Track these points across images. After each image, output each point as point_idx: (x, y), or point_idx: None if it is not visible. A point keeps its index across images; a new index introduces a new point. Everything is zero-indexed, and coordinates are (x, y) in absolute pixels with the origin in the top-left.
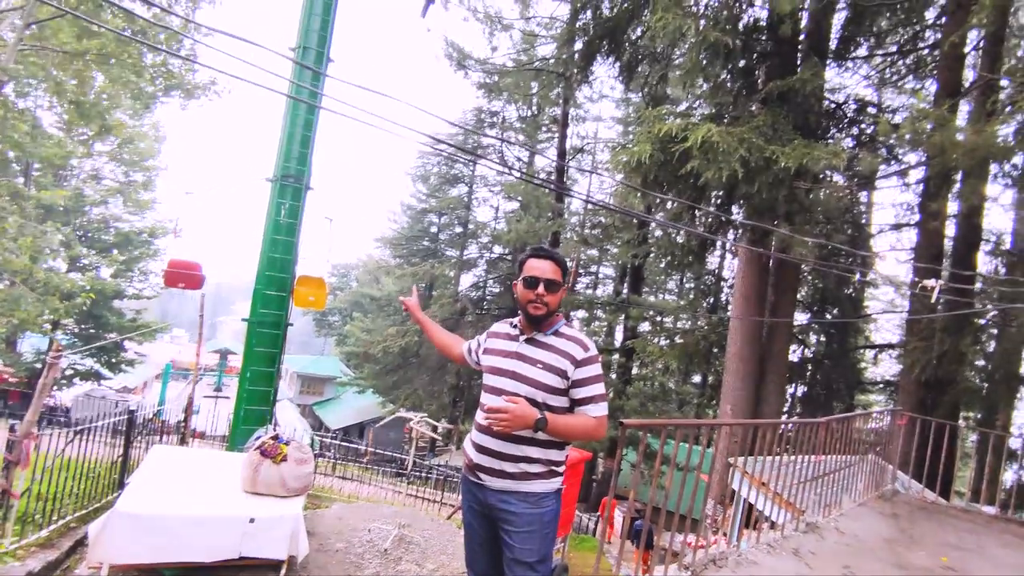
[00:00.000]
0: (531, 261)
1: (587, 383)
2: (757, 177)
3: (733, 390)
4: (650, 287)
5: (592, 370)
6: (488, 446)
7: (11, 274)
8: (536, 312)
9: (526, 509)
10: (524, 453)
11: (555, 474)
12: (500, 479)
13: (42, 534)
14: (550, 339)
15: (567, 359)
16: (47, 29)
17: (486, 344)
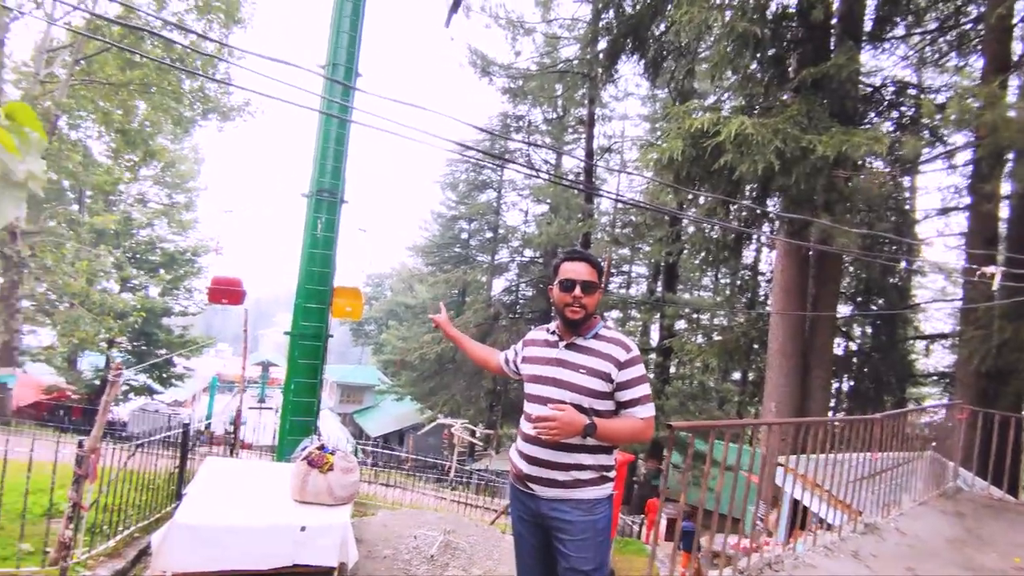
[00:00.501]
0: (566, 264)
1: (632, 385)
2: (794, 168)
3: (776, 387)
4: (685, 285)
5: (636, 371)
6: (537, 455)
7: (70, 296)
8: (574, 316)
9: (580, 517)
10: (575, 460)
11: (606, 479)
12: (551, 488)
13: (109, 544)
14: (591, 342)
15: (610, 362)
16: (94, 63)
17: (524, 352)
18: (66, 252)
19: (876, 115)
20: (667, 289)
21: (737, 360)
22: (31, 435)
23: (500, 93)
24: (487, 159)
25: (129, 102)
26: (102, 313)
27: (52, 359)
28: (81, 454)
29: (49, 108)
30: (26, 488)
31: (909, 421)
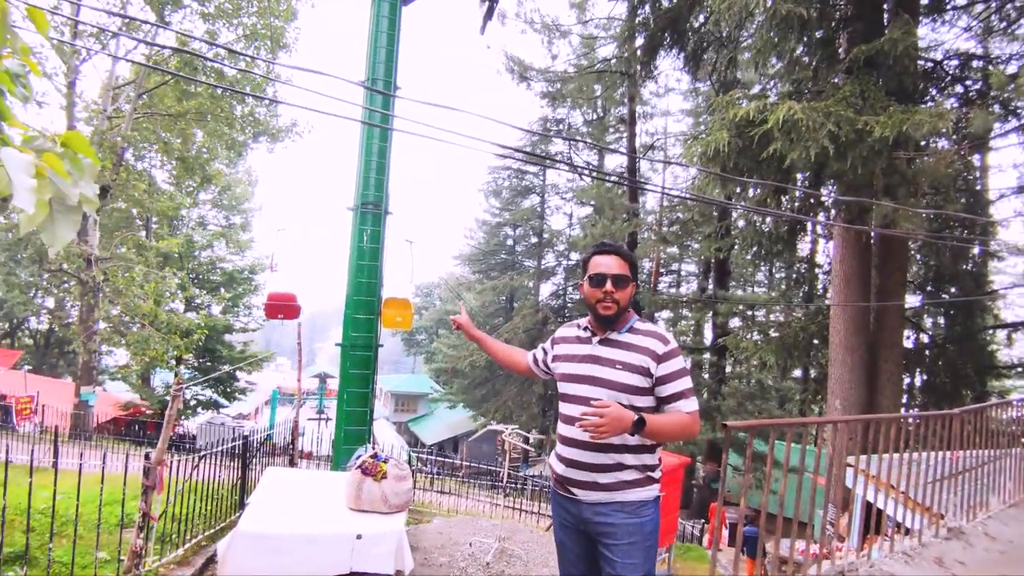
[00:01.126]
0: (596, 258)
1: (673, 378)
2: (849, 152)
3: (841, 383)
4: (737, 281)
5: (676, 364)
6: (577, 458)
7: (141, 317)
8: (607, 312)
9: (625, 520)
10: (616, 460)
11: (652, 480)
12: (593, 491)
13: (178, 552)
14: (626, 337)
15: (648, 355)
16: (155, 97)
17: (554, 351)
18: (135, 276)
19: (938, 91)
20: (719, 286)
21: (797, 356)
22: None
23: (539, 98)
24: (531, 162)
25: (187, 131)
26: (169, 332)
27: (128, 377)
28: (148, 466)
29: (117, 142)
30: (100, 499)
31: (993, 416)
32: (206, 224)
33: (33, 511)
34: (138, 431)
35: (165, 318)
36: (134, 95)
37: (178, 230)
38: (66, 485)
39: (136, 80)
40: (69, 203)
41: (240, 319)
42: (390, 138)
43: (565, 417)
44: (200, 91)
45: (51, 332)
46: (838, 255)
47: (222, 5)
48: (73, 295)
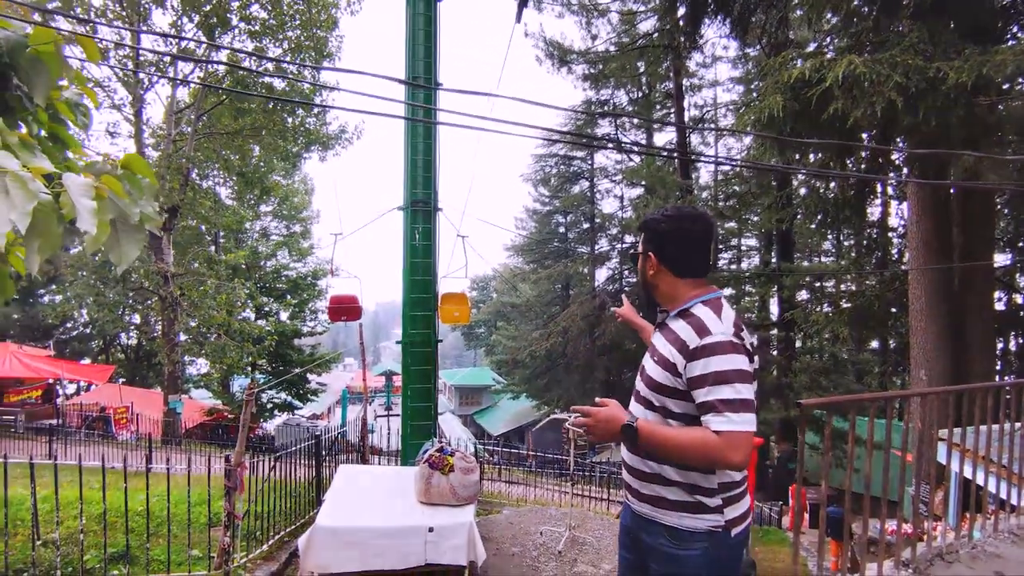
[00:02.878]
0: None
1: (705, 382)
2: (921, 103)
3: (925, 352)
4: (802, 252)
5: (711, 364)
6: (626, 460)
7: (216, 328)
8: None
9: (665, 546)
10: (654, 470)
11: (703, 508)
12: (637, 501)
13: (263, 549)
14: (674, 322)
15: (678, 348)
16: (212, 116)
17: None
18: (208, 289)
19: (1020, 28)
20: (783, 259)
21: (873, 327)
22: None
23: (580, 81)
24: (577, 142)
25: (244, 147)
26: (243, 340)
27: (209, 384)
28: (229, 469)
29: (183, 164)
30: (188, 501)
31: None
32: (269, 235)
33: (131, 513)
34: (222, 435)
35: (238, 327)
36: (194, 117)
37: (243, 243)
38: (160, 488)
39: (195, 103)
40: (131, 222)
41: (307, 323)
42: (435, 135)
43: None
44: (253, 107)
45: (140, 346)
46: (914, 216)
47: (267, 22)
48: (155, 310)
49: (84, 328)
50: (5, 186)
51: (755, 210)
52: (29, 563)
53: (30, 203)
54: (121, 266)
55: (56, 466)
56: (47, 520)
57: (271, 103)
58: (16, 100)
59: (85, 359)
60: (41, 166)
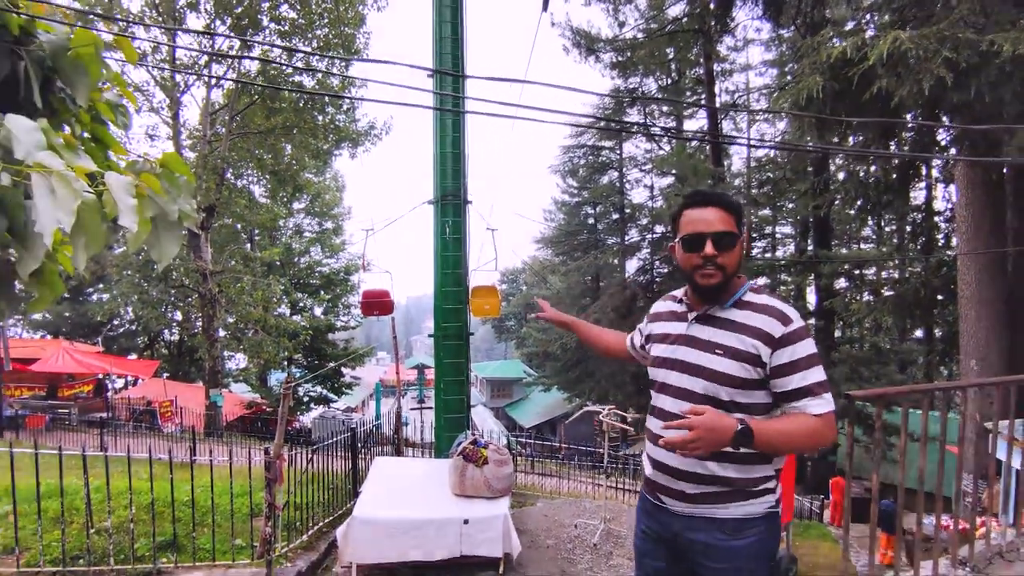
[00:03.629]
0: (689, 212)
1: (798, 368)
2: (972, 79)
3: (975, 341)
4: (839, 239)
5: (802, 349)
6: (664, 460)
7: (253, 323)
8: (707, 282)
9: (721, 540)
10: (711, 471)
11: (760, 493)
12: (680, 502)
13: (303, 539)
14: (732, 312)
15: (759, 338)
16: (245, 117)
17: (648, 330)
18: (244, 285)
19: None
20: (820, 246)
21: (918, 315)
22: (237, 444)
23: (608, 69)
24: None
25: (276, 145)
26: (279, 335)
27: (248, 379)
28: (268, 461)
29: (218, 163)
30: (231, 491)
31: None
32: (302, 232)
33: (177, 503)
34: (261, 427)
35: (274, 322)
36: (228, 117)
37: (278, 240)
38: (203, 479)
39: (229, 103)
40: (170, 219)
41: (340, 318)
42: (463, 127)
43: (654, 409)
44: (285, 106)
45: (182, 342)
46: (963, 199)
47: (296, 21)
48: (195, 307)
49: (130, 325)
50: (51, 186)
51: (790, 197)
52: (84, 550)
53: (75, 202)
54: (162, 263)
55: (107, 458)
56: (99, 509)
57: (301, 102)
58: (60, 102)
59: (132, 355)
60: (84, 166)
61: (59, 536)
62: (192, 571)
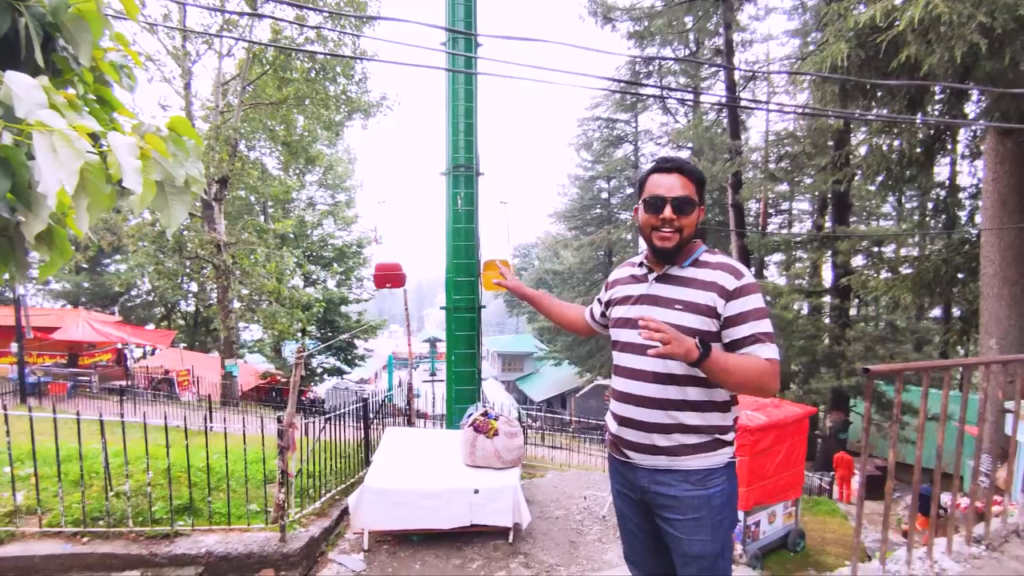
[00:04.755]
0: (653, 177)
1: (747, 318)
2: (1007, 45)
3: (997, 320)
4: (859, 215)
5: (751, 302)
6: (631, 416)
7: (267, 295)
8: (664, 243)
9: (688, 491)
10: (677, 420)
11: (721, 444)
12: (650, 455)
13: (316, 506)
14: (689, 271)
15: (714, 291)
16: (257, 87)
17: (609, 295)
18: (258, 257)
19: None
20: (838, 222)
21: (938, 293)
22: (252, 413)
23: (625, 39)
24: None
25: (288, 116)
26: (292, 307)
27: (263, 349)
28: (281, 429)
29: (230, 135)
30: (244, 458)
31: None
32: (315, 204)
33: (193, 468)
34: (276, 397)
35: (288, 294)
36: (240, 88)
37: (291, 212)
38: (218, 446)
39: (240, 73)
40: (178, 184)
41: (353, 291)
42: (475, 95)
43: (617, 368)
44: (296, 77)
45: (197, 312)
46: (990, 173)
47: None
48: (210, 278)
49: (147, 295)
50: (52, 145)
51: (808, 172)
52: (104, 512)
53: (77, 161)
54: (170, 228)
55: (123, 423)
56: (117, 473)
57: (313, 72)
58: (63, 61)
59: (149, 325)
60: (87, 125)
61: (79, 498)
62: (208, 534)
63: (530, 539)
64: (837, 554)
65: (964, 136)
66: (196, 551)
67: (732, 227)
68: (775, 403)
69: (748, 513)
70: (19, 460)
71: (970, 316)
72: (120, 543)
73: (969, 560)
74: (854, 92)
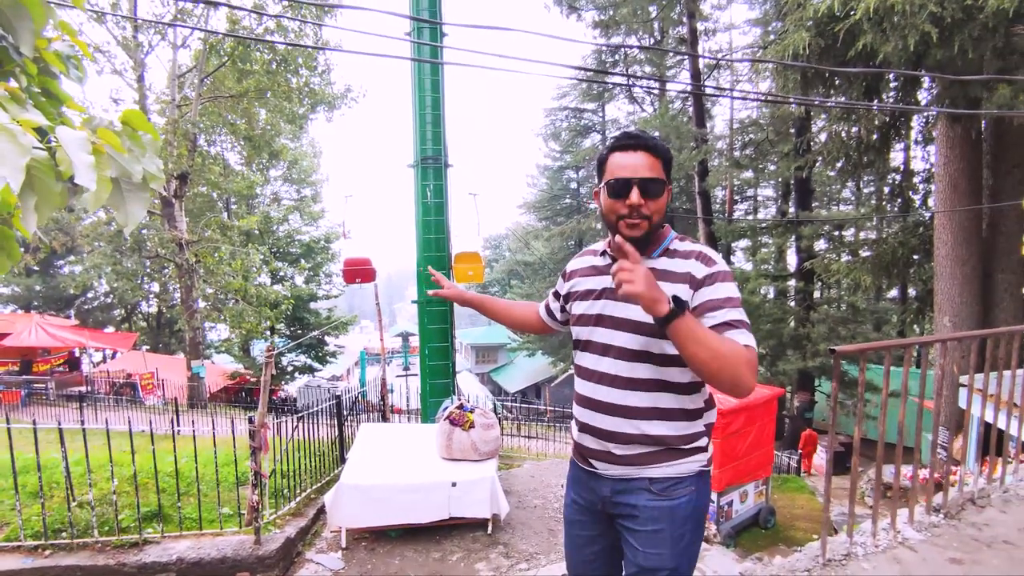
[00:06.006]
0: (616, 156)
1: (719, 306)
2: (956, 35)
3: (950, 298)
4: (820, 200)
5: (723, 289)
6: (589, 422)
7: (233, 293)
8: (633, 232)
9: (649, 501)
10: (640, 430)
11: (691, 452)
12: (614, 465)
13: (291, 506)
14: (660, 262)
15: (685, 282)
16: (215, 80)
17: (568, 287)
18: (223, 255)
19: None
20: (801, 207)
21: (896, 274)
22: (221, 415)
23: (591, 28)
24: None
25: (250, 109)
26: (260, 305)
27: (230, 349)
28: (252, 429)
29: (188, 129)
30: (215, 461)
31: None
32: (280, 199)
33: (160, 474)
34: (245, 398)
35: (254, 292)
36: (197, 81)
37: (255, 208)
38: (187, 450)
39: (196, 65)
40: (135, 180)
41: (322, 287)
42: (442, 86)
43: (579, 370)
44: (256, 68)
45: (160, 313)
46: (942, 158)
47: None
48: (173, 278)
49: (105, 297)
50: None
51: (772, 159)
52: (66, 523)
53: (22, 158)
54: (128, 227)
55: (84, 431)
56: (80, 483)
57: (274, 64)
58: (2, 52)
59: (109, 328)
60: (32, 119)
61: (39, 510)
62: (179, 540)
63: (509, 529)
64: (806, 529)
65: (917, 122)
66: (167, 558)
67: (699, 214)
68: None
69: (721, 494)
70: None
71: (925, 296)
72: (85, 554)
73: (929, 528)
74: (814, 80)
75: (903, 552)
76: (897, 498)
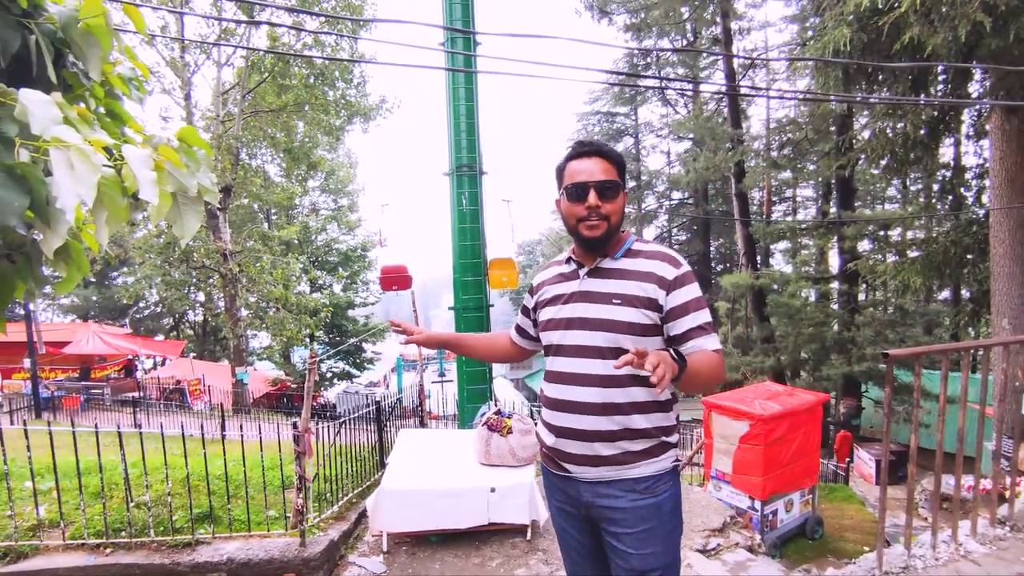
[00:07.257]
0: (572, 164)
1: (689, 309)
2: (1011, 22)
3: (1009, 299)
4: (863, 200)
5: (692, 291)
6: (570, 425)
7: (274, 302)
8: (593, 233)
9: (636, 501)
10: (623, 425)
11: (667, 446)
12: (594, 467)
13: (334, 509)
14: (623, 262)
15: (653, 282)
16: (256, 95)
17: (535, 299)
18: (264, 264)
19: None
20: (843, 207)
21: (948, 275)
22: (265, 420)
23: (622, 32)
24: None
25: (289, 123)
26: (300, 313)
27: (272, 356)
28: (297, 434)
29: (232, 143)
30: (262, 465)
31: None
32: (318, 209)
33: (211, 476)
34: (287, 403)
35: (295, 300)
36: (239, 97)
37: (294, 218)
38: (235, 454)
39: (239, 82)
40: (190, 194)
41: (359, 295)
42: (476, 95)
43: (550, 375)
44: (295, 83)
45: (206, 322)
46: (997, 152)
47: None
48: (217, 287)
49: (155, 307)
50: (69, 160)
51: (812, 158)
52: (125, 523)
53: (95, 176)
54: (184, 238)
55: (141, 434)
56: (137, 484)
57: (312, 78)
58: (73, 77)
59: (158, 336)
60: (102, 139)
61: (101, 510)
62: (229, 541)
63: (548, 536)
64: (856, 540)
65: (968, 116)
66: (218, 559)
67: (736, 216)
68: (788, 391)
69: (765, 502)
70: (39, 474)
71: (980, 297)
72: (142, 553)
73: (995, 542)
74: (856, 76)
75: (966, 566)
76: (957, 509)
